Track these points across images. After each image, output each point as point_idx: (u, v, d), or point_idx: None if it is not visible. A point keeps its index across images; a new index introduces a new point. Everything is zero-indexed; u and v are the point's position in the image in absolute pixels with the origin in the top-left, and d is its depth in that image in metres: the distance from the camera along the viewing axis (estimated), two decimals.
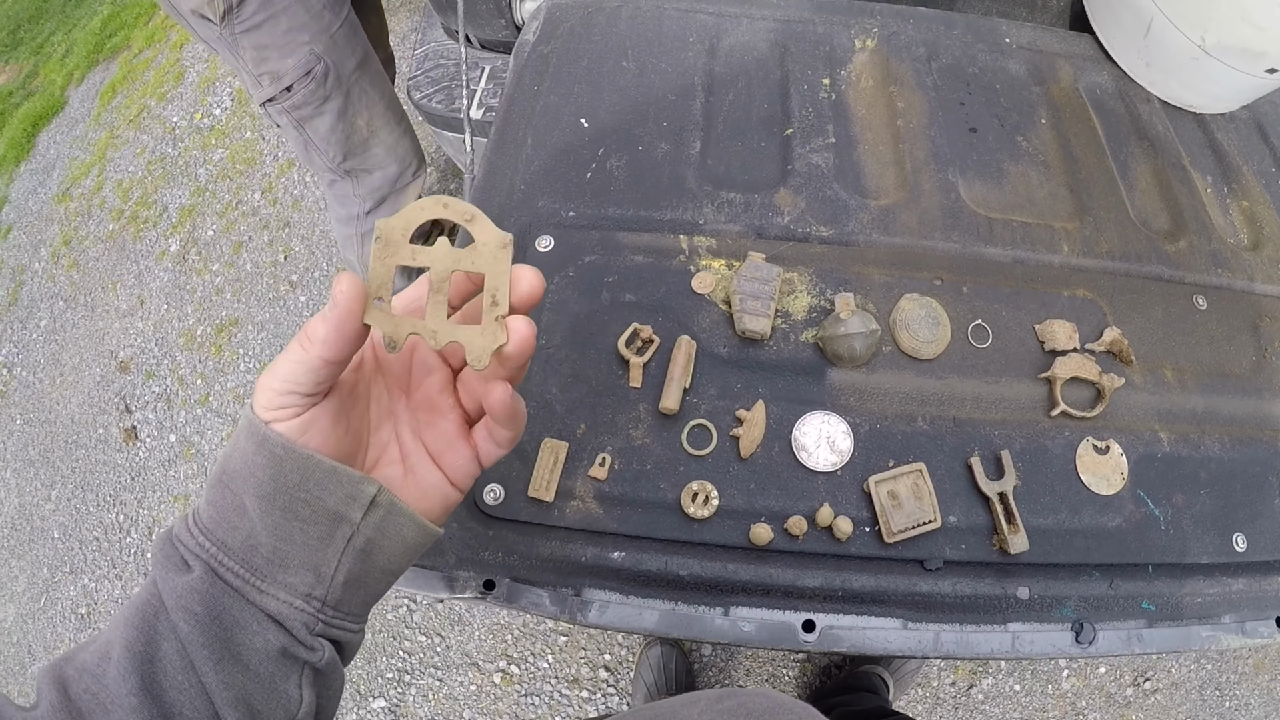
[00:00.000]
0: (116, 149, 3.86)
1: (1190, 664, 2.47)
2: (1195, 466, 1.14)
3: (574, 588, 1.03)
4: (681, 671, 2.39)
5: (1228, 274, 1.31)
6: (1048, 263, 1.26)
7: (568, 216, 1.25)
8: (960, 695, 2.43)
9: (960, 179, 1.32)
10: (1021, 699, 2.43)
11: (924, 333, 1.14)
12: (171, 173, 3.64)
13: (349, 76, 1.93)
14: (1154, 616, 1.07)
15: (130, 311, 3.34)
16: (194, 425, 3.04)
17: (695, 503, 1.04)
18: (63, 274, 3.58)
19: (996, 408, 1.13)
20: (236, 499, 0.56)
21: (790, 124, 1.36)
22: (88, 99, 4.24)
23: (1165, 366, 1.20)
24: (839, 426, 1.09)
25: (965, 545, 1.06)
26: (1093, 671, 2.45)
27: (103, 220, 3.65)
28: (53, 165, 4.03)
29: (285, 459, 0.54)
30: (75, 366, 3.32)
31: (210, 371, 3.12)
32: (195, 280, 3.31)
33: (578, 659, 2.50)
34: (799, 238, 1.24)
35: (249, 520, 0.55)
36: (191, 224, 3.46)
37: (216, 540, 0.56)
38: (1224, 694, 2.45)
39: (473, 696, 2.48)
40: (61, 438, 3.20)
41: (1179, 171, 1.42)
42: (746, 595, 1.03)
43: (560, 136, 1.33)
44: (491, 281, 0.56)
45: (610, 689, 2.46)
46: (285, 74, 1.85)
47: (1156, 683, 2.45)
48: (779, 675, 2.46)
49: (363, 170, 2.13)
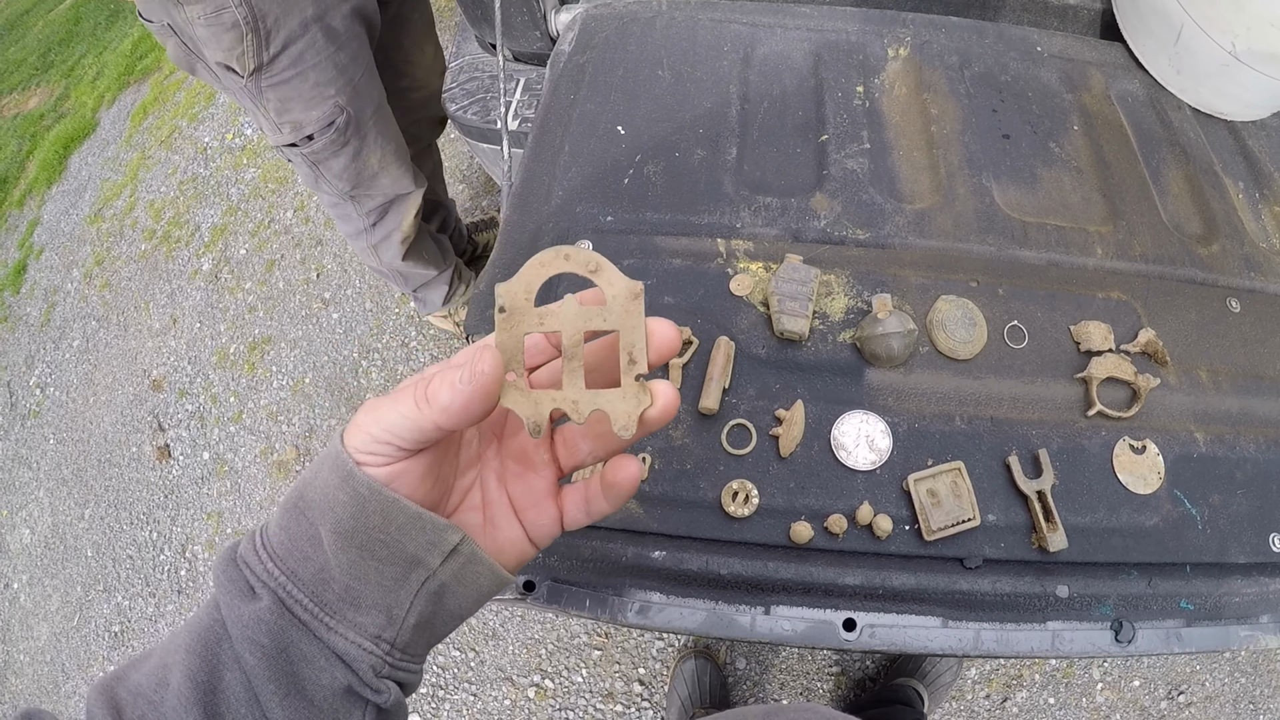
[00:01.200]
0: (148, 169, 3.91)
1: (1224, 676, 2.44)
2: (1231, 467, 1.14)
3: (614, 588, 1.04)
4: (716, 685, 2.37)
5: (1260, 277, 1.31)
6: (1082, 265, 1.26)
7: (606, 222, 1.27)
8: (995, 708, 2.40)
9: (994, 184, 1.33)
10: (1056, 712, 2.39)
11: (961, 333, 1.15)
12: (203, 192, 3.68)
13: (367, 121, 1.93)
14: (1192, 616, 1.07)
15: (163, 330, 3.37)
16: (227, 443, 3.06)
17: (735, 502, 1.04)
18: (95, 294, 3.62)
19: (1033, 407, 1.14)
20: (312, 529, 0.54)
21: (825, 130, 1.37)
22: (119, 120, 4.29)
23: (1200, 368, 1.20)
24: (878, 426, 1.10)
25: (1004, 543, 1.06)
26: (1127, 685, 2.41)
27: (135, 240, 3.69)
28: (85, 186, 4.08)
29: (369, 499, 0.52)
30: (108, 386, 3.35)
31: (243, 389, 3.14)
32: (228, 299, 3.34)
33: (612, 673, 2.48)
34: (835, 240, 1.25)
35: (322, 553, 0.54)
36: (224, 243, 3.49)
37: (287, 569, 0.54)
38: (1258, 707, 2.42)
39: (507, 712, 2.47)
40: (95, 456, 3.23)
41: (1210, 177, 1.42)
42: (787, 594, 1.03)
43: (597, 144, 1.35)
44: (627, 338, 0.52)
45: (645, 703, 2.44)
46: (307, 124, 1.84)
47: (1190, 695, 2.41)
48: (813, 689, 2.44)
49: (366, 196, 2.14)
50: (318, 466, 0.55)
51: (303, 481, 0.56)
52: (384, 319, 3.13)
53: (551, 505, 0.61)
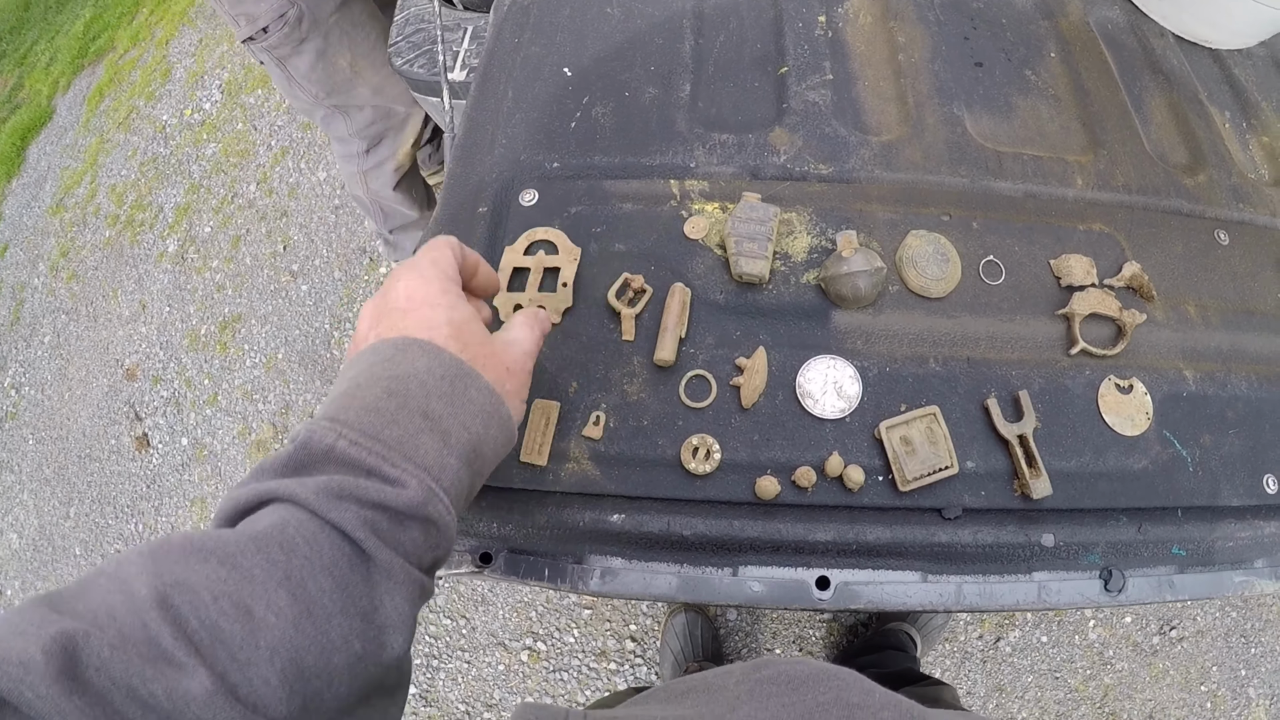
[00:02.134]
0: (107, 154, 3.85)
1: (1216, 611, 2.48)
2: (1222, 405, 1.08)
3: (574, 555, 0.98)
4: (707, 638, 2.39)
5: (1249, 209, 1.25)
6: (1061, 196, 1.20)
7: (551, 168, 1.19)
8: (988, 649, 2.43)
9: (966, 113, 1.26)
10: (1049, 650, 2.43)
11: (933, 270, 1.08)
12: (165, 172, 3.63)
13: (326, 20, 1.98)
14: (1185, 562, 1.02)
15: (133, 317, 3.33)
16: (204, 427, 3.04)
17: (696, 458, 0.98)
18: (63, 287, 3.57)
19: (1012, 347, 1.07)
20: (476, 479, 0.72)
21: (785, 62, 1.30)
22: (75, 106, 4.23)
23: (1188, 302, 1.14)
24: (846, 371, 1.03)
25: (985, 491, 1.00)
26: (1119, 621, 2.45)
27: (99, 228, 3.64)
28: (45, 177, 4.02)
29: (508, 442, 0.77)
30: (82, 379, 3.32)
31: (217, 370, 3.11)
32: (195, 279, 3.30)
33: (603, 631, 2.50)
34: (796, 176, 1.18)
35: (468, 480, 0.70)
36: (188, 222, 3.44)
37: (453, 495, 0.66)
38: (1250, 641, 2.46)
39: (501, 676, 2.48)
40: (75, 453, 3.21)
41: (1196, 106, 1.35)
42: (755, 553, 0.98)
43: (542, 88, 1.27)
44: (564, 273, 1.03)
45: (638, 659, 2.46)
46: (260, 16, 1.90)
47: (1183, 630, 2.45)
48: (805, 636, 2.46)
49: (352, 106, 2.17)
50: (487, 425, 0.71)
51: (472, 435, 0.69)
52: (354, 288, 3.09)
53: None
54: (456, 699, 2.45)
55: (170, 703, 0.46)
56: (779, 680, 0.65)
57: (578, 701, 2.40)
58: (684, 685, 0.75)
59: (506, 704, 2.42)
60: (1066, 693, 2.39)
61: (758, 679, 0.67)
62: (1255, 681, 2.41)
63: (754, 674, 0.68)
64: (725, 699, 0.65)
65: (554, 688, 2.42)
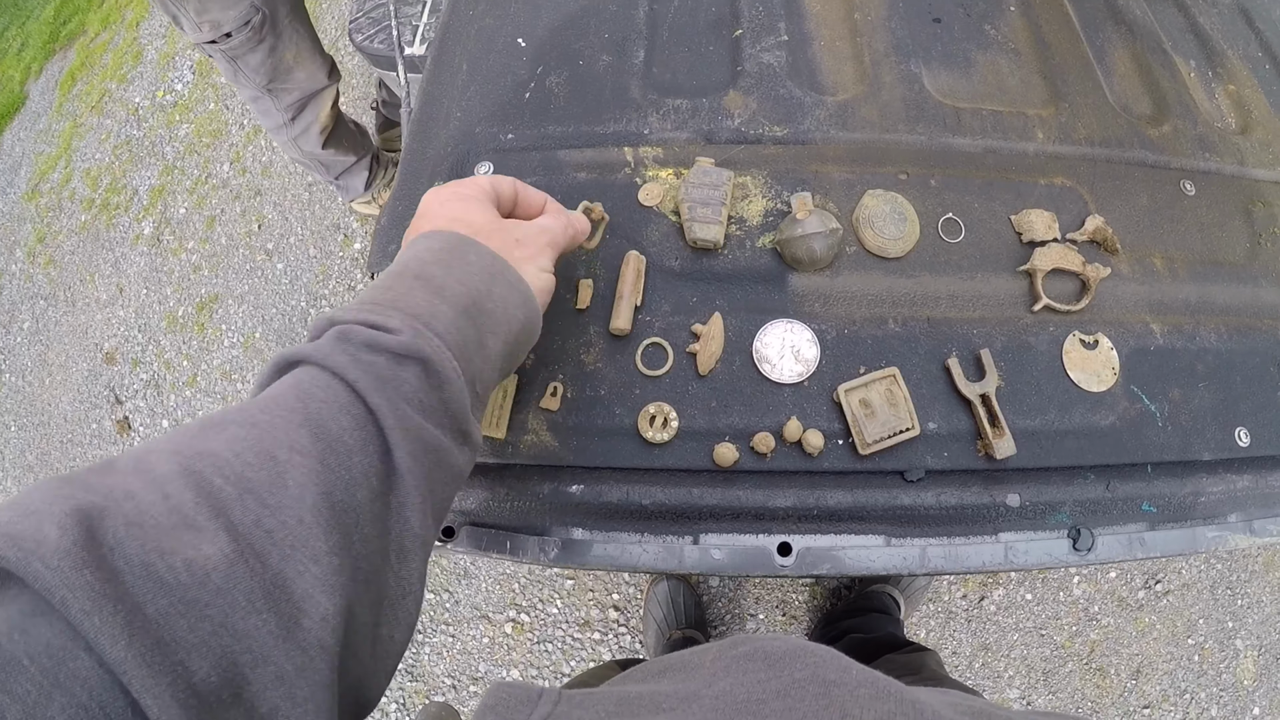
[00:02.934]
0: (81, 138, 3.81)
1: (1200, 565, 2.49)
2: (1191, 359, 1.07)
3: (535, 528, 0.98)
4: (690, 605, 2.39)
5: (1216, 158, 1.23)
6: (1022, 151, 1.18)
7: (506, 140, 1.18)
8: (972, 608, 2.44)
9: (924, 69, 1.24)
10: (1034, 608, 2.44)
11: (890, 229, 1.07)
12: (139, 154, 3.59)
13: (282, 19, 2.05)
14: (1156, 519, 1.01)
15: (110, 301, 3.31)
16: (185, 408, 3.04)
17: (654, 426, 0.97)
18: (40, 272, 3.55)
19: (973, 305, 1.06)
20: (480, 334, 0.72)
21: (739, 25, 1.28)
22: (48, 91, 4.19)
23: (1154, 255, 1.13)
24: (803, 334, 1.02)
25: (948, 453, 0.99)
26: (1103, 577, 2.47)
27: (74, 212, 3.61)
28: (19, 163, 3.99)
29: (534, 319, 0.81)
30: (62, 364, 3.30)
31: (195, 352, 3.09)
32: (171, 261, 3.28)
33: (586, 601, 2.50)
34: (751, 140, 1.16)
35: (486, 360, 0.74)
36: (163, 204, 3.41)
37: (465, 364, 0.69)
38: (1235, 593, 2.47)
39: (486, 649, 2.49)
40: (57, 438, 3.20)
41: (1160, 55, 1.34)
42: (715, 521, 0.97)
43: (497, 59, 1.25)
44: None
45: (621, 628, 2.47)
46: (225, 23, 1.95)
47: (1168, 584, 2.47)
48: (789, 600, 2.47)
49: (283, 89, 2.28)
50: (490, 281, 0.75)
51: (470, 290, 0.72)
52: (329, 264, 3.07)
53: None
54: (442, 673, 2.46)
55: (190, 575, 0.45)
56: (755, 656, 0.64)
57: (563, 672, 2.41)
58: (661, 664, 0.74)
59: (492, 676, 2.43)
60: (1053, 649, 2.41)
61: (734, 655, 0.66)
62: (1242, 633, 2.43)
63: (730, 650, 0.68)
64: (702, 676, 0.64)
65: (539, 659, 2.43)
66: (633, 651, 2.43)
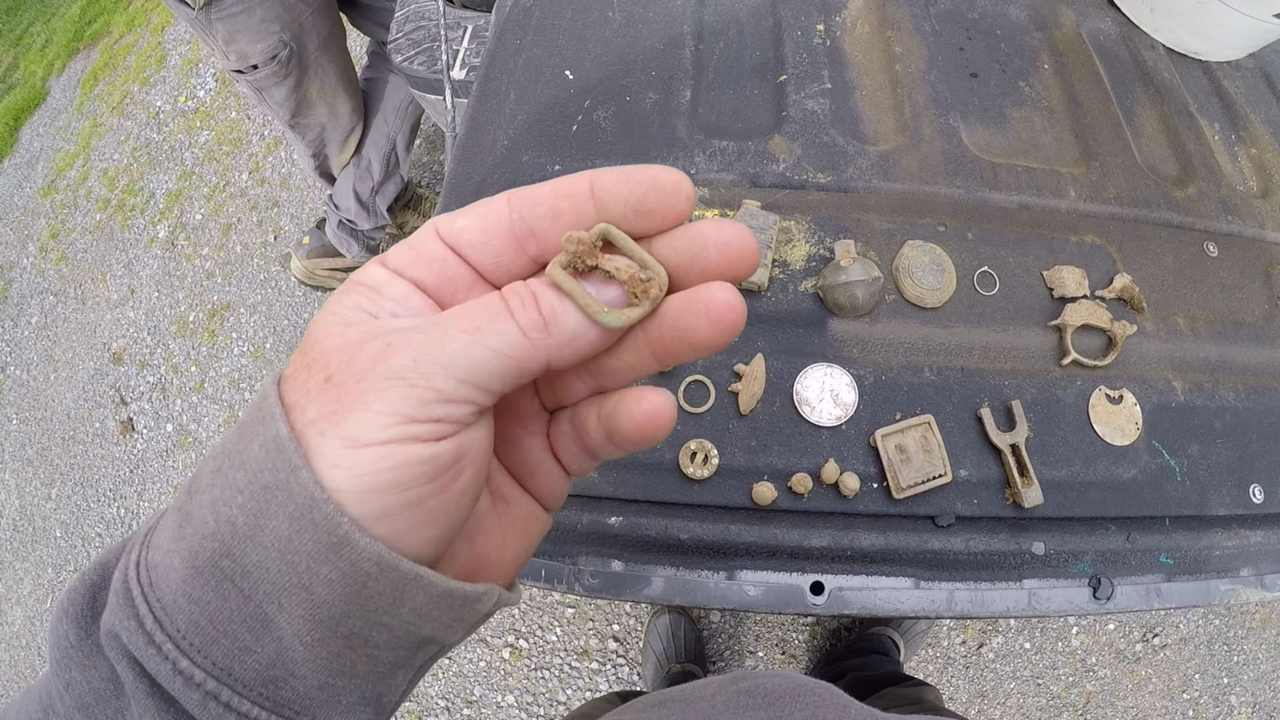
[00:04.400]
0: (100, 138, 3.81)
1: (1198, 619, 2.48)
2: (1210, 416, 1.10)
3: (569, 556, 0.99)
4: (690, 639, 2.38)
5: (1238, 221, 1.26)
6: (1054, 208, 1.21)
7: (553, 170, 1.20)
8: (971, 654, 2.44)
9: (962, 124, 1.27)
10: (1032, 656, 2.44)
11: (928, 280, 1.10)
12: (157, 158, 3.60)
13: (311, 55, 2.08)
14: (1172, 570, 1.04)
15: (121, 302, 3.31)
16: (190, 413, 3.02)
17: (694, 462, 0.99)
18: (51, 268, 3.54)
19: (1006, 357, 1.09)
20: (251, 608, 0.35)
21: (784, 71, 1.31)
22: (69, 88, 4.19)
23: (1177, 314, 1.16)
24: (842, 379, 1.04)
25: (977, 500, 1.01)
26: (1102, 628, 2.46)
27: (89, 211, 3.61)
28: (37, 158, 3.99)
29: (376, 579, 0.34)
30: (69, 361, 3.29)
31: (204, 358, 3.08)
32: (185, 266, 3.27)
33: (586, 630, 2.48)
34: (795, 185, 1.19)
35: (272, 641, 0.35)
36: (179, 209, 3.41)
37: (217, 667, 0.35)
38: (1232, 649, 2.47)
39: (482, 673, 2.47)
40: (59, 435, 3.18)
41: (1186, 118, 1.37)
42: (751, 558, 0.99)
43: (544, 90, 1.28)
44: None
45: (620, 659, 2.45)
46: (252, 55, 1.97)
47: (1165, 638, 2.46)
48: (789, 640, 2.46)
49: (305, 125, 2.30)
50: (260, 504, 0.34)
51: (224, 532, 0.35)
52: None
53: (551, 460, 0.45)
54: (437, 694, 2.44)
55: None
56: (756, 693, 0.65)
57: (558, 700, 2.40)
58: (660, 697, 0.75)
59: (486, 701, 2.41)
60: (1049, 699, 2.40)
61: (735, 690, 0.67)
62: (1237, 689, 2.42)
63: (731, 686, 0.69)
64: (702, 709, 0.65)
65: (535, 685, 2.41)
66: (630, 683, 2.41)
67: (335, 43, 2.20)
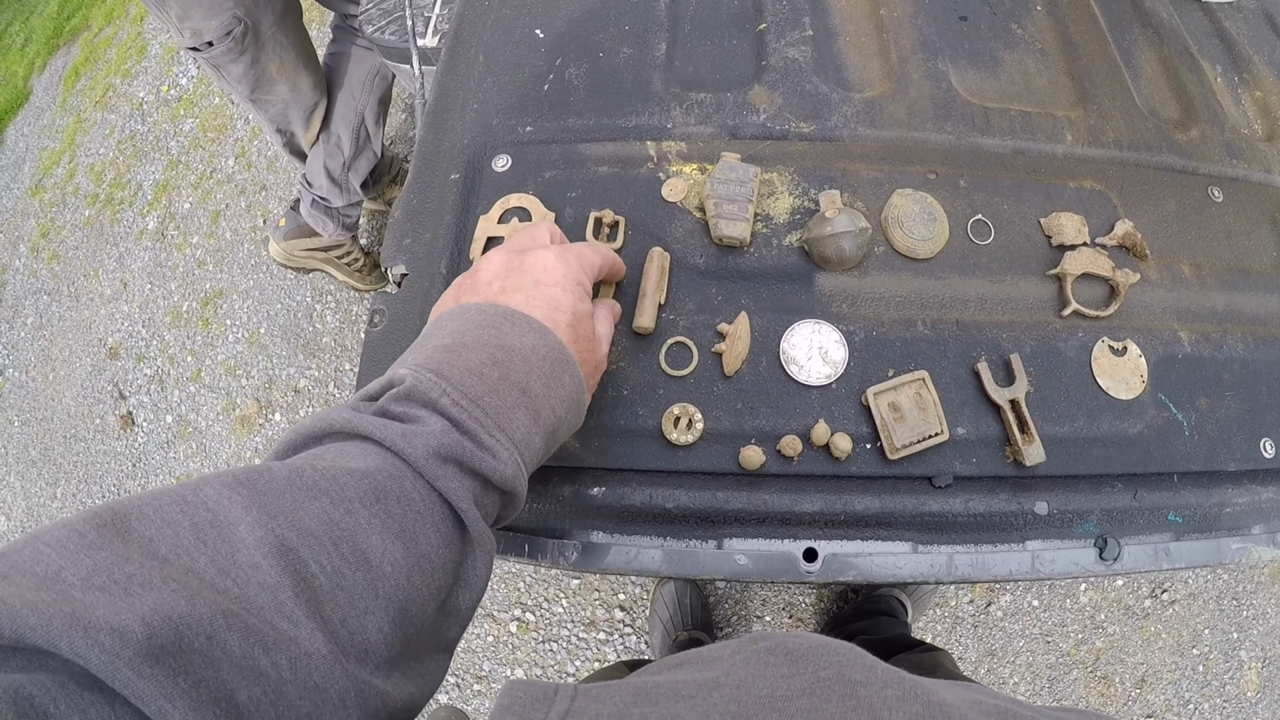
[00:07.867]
0: (85, 133, 3.80)
1: (1207, 575, 2.49)
2: (1218, 368, 1.05)
3: (553, 531, 0.95)
4: (697, 606, 2.38)
5: (1243, 165, 1.22)
6: (1051, 153, 1.16)
7: (525, 133, 1.15)
8: (979, 613, 2.43)
9: (951, 68, 1.22)
10: (1041, 614, 2.43)
11: (919, 230, 1.05)
12: (143, 149, 3.58)
13: (266, 31, 2.08)
14: (1181, 529, 0.99)
15: (114, 296, 3.30)
16: (189, 403, 3.03)
17: (678, 428, 0.95)
18: (44, 267, 3.55)
19: (1003, 308, 1.04)
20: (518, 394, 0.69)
21: (763, 19, 1.25)
22: (51, 86, 4.18)
23: (1182, 261, 1.11)
24: (831, 336, 1.00)
25: (976, 459, 0.97)
26: (1110, 585, 2.47)
27: (78, 207, 3.60)
28: (23, 158, 3.98)
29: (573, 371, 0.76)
30: (66, 360, 3.30)
31: (199, 347, 3.08)
32: (176, 256, 3.27)
33: (592, 601, 2.49)
34: (777, 135, 1.14)
35: (529, 413, 0.70)
36: (167, 199, 3.40)
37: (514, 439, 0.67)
38: (1241, 604, 2.47)
39: (490, 648, 2.48)
40: (60, 433, 3.19)
41: (1187, 60, 1.32)
42: (740, 525, 0.95)
43: (514, 51, 1.23)
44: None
45: (627, 629, 2.46)
46: (206, 32, 1.96)
47: (1174, 594, 2.46)
48: (795, 602, 2.46)
49: (266, 101, 2.30)
50: (569, 413, 0.75)
51: (559, 422, 0.74)
52: None
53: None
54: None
55: (293, 671, 0.45)
56: (777, 651, 0.63)
57: (567, 671, 2.40)
58: (676, 659, 0.73)
59: (496, 675, 2.41)
60: (1058, 657, 2.39)
61: (755, 649, 0.64)
62: (1247, 644, 2.42)
63: (750, 645, 0.66)
64: (722, 666, 0.63)
65: (543, 658, 2.41)
66: (638, 652, 2.41)
67: (291, 19, 2.21)
